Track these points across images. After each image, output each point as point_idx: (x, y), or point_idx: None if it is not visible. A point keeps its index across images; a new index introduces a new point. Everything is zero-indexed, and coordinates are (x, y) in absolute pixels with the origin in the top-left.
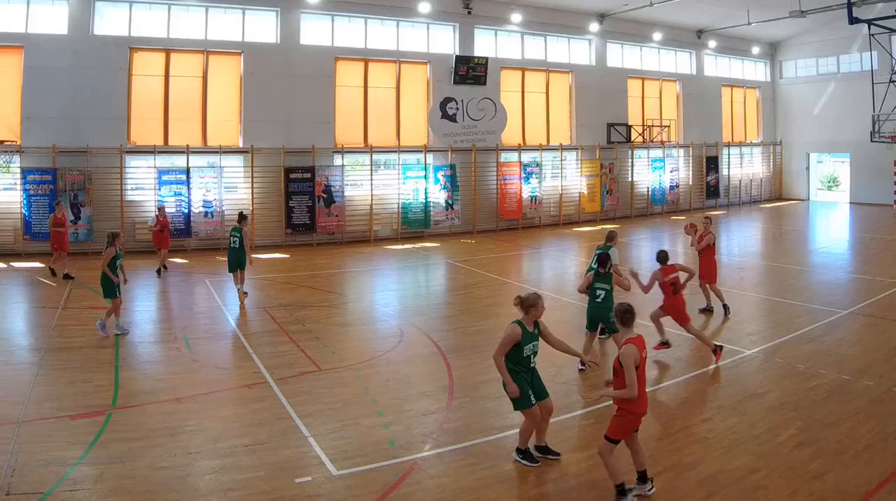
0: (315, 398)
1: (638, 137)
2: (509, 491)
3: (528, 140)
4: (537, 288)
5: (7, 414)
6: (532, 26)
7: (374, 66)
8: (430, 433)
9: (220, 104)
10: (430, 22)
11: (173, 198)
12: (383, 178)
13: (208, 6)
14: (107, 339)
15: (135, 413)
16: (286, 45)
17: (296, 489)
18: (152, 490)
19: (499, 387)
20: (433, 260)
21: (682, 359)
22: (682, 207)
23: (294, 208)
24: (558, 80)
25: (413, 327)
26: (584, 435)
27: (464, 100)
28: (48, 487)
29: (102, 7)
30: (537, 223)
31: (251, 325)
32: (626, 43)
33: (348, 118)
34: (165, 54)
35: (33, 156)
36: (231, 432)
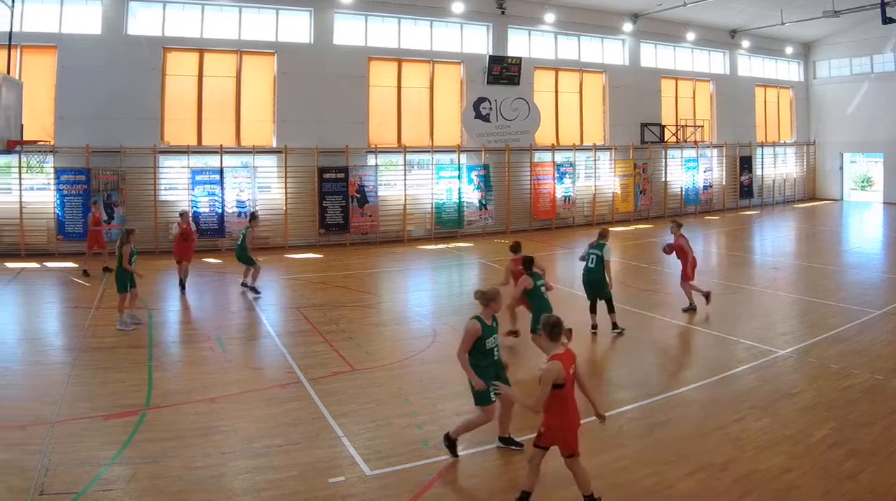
0: (349, 398)
1: (671, 137)
2: (542, 491)
3: (561, 140)
4: (570, 288)
5: (41, 413)
6: (566, 26)
7: (408, 65)
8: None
9: (254, 104)
10: (463, 22)
11: (206, 198)
12: (417, 178)
13: (242, 6)
14: (140, 339)
15: (168, 413)
16: (320, 45)
17: (329, 489)
18: (185, 490)
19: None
20: (466, 260)
21: (715, 359)
22: (715, 207)
23: (327, 208)
24: (592, 80)
25: (447, 327)
26: (617, 435)
27: (497, 101)
28: (81, 487)
29: (136, 7)
30: (570, 223)
31: (285, 325)
32: (660, 43)
33: (382, 118)
34: (199, 54)
35: (67, 157)
36: (264, 432)
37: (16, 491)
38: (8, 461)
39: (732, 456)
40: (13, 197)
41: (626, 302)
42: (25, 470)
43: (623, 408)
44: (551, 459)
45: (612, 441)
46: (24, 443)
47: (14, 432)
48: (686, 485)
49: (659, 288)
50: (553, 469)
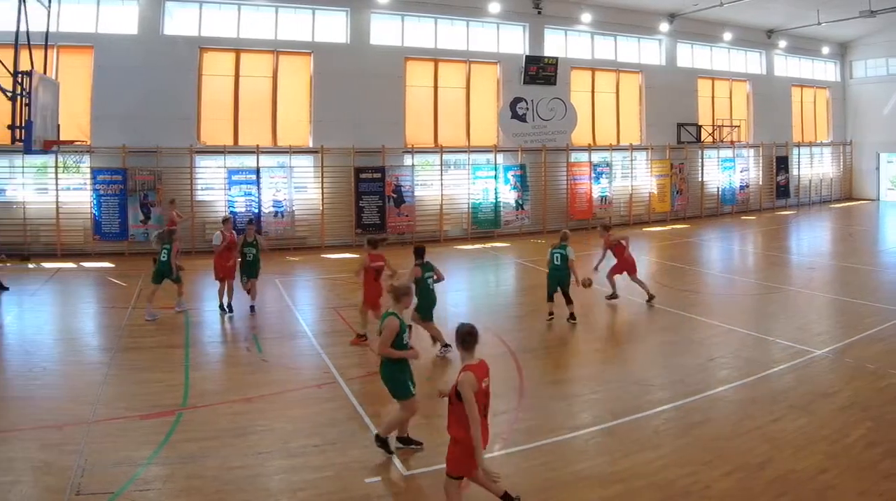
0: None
1: (708, 137)
2: (580, 491)
3: (597, 140)
4: (606, 288)
5: (78, 413)
6: (602, 26)
7: (444, 65)
8: (500, 433)
9: (290, 104)
10: (500, 22)
11: (243, 198)
12: (453, 178)
13: (278, 6)
14: (177, 339)
15: (205, 413)
16: (356, 45)
17: (365, 489)
18: (222, 490)
19: (569, 387)
20: (503, 260)
21: (752, 359)
22: (752, 207)
23: (364, 208)
24: (628, 80)
25: (483, 327)
26: (654, 435)
27: (534, 100)
28: (118, 487)
29: (172, 7)
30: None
31: (321, 325)
32: (696, 43)
33: (418, 118)
34: (235, 54)
35: (103, 156)
36: (301, 432)
37: (52, 491)
38: (45, 461)
39: (769, 456)
40: (50, 197)
41: (663, 303)
42: (62, 470)
43: (660, 408)
44: (579, 461)
45: (650, 441)
46: (62, 443)
47: (51, 432)
48: (723, 485)
49: (696, 289)
50: (582, 470)
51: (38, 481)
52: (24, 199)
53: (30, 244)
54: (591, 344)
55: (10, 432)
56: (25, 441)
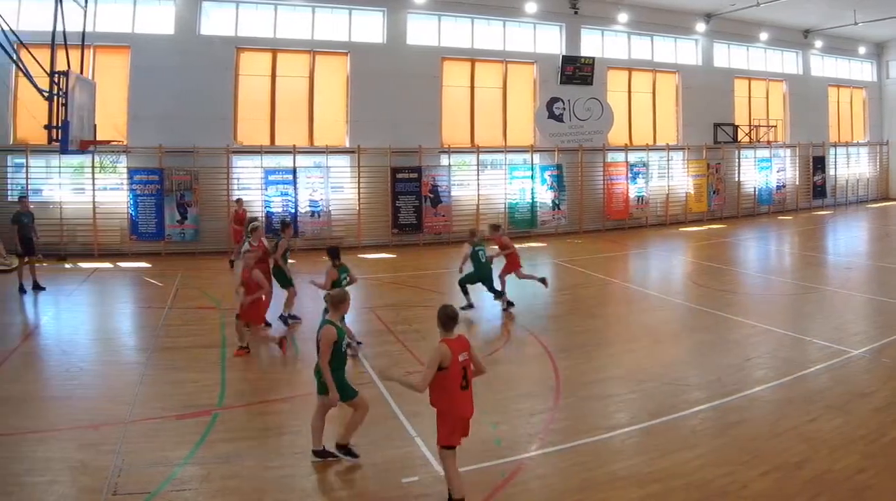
0: (422, 397)
1: (744, 137)
2: (616, 491)
3: (634, 140)
4: (643, 288)
5: (114, 413)
6: (639, 26)
7: (481, 65)
8: (536, 433)
9: (327, 104)
10: (536, 22)
11: (280, 198)
12: (490, 178)
13: (315, 6)
14: (213, 339)
15: (241, 412)
16: (393, 45)
17: (402, 489)
18: (259, 490)
19: (606, 387)
20: (540, 260)
21: (789, 359)
22: (788, 207)
23: (401, 208)
24: (665, 80)
25: (520, 327)
26: (691, 435)
27: (570, 100)
28: (154, 487)
29: (209, 7)
30: (644, 223)
31: (358, 325)
32: (733, 43)
33: (455, 118)
34: (272, 54)
35: (140, 157)
36: (336, 432)
37: (89, 491)
38: (82, 461)
39: (806, 456)
40: (86, 197)
41: (700, 303)
42: (99, 470)
43: (697, 408)
44: (616, 461)
45: (687, 441)
46: (98, 443)
47: (88, 432)
48: (760, 485)
49: (732, 289)
50: (619, 470)
51: (75, 481)
52: (61, 199)
53: (66, 244)
54: (628, 344)
55: (48, 432)
56: (63, 441)
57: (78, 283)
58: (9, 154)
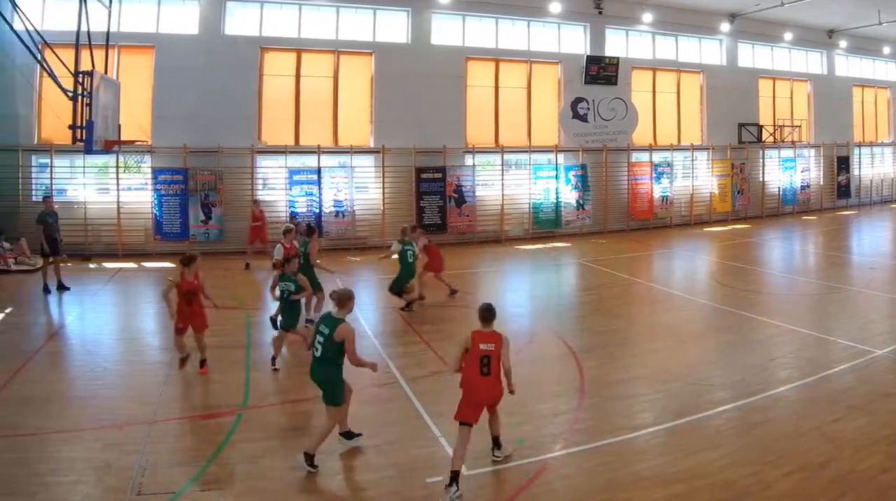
0: (446, 398)
1: (769, 137)
2: (640, 492)
3: (659, 140)
4: (667, 288)
5: (138, 414)
6: (663, 26)
7: (505, 65)
8: (560, 433)
9: (351, 104)
10: (561, 22)
11: (304, 198)
12: (514, 178)
13: (339, 6)
14: (238, 340)
15: (266, 413)
16: (417, 45)
17: (427, 489)
18: (283, 490)
19: (630, 387)
20: (564, 261)
21: (813, 359)
22: (812, 207)
23: (425, 208)
24: (689, 79)
25: (544, 327)
26: (716, 435)
27: (595, 100)
28: (178, 487)
29: (233, 7)
30: (668, 223)
31: (382, 325)
32: (757, 43)
33: (479, 118)
34: (296, 54)
35: (164, 156)
36: (362, 432)
37: (114, 491)
38: (106, 461)
39: (830, 456)
40: (111, 197)
41: (725, 303)
42: (123, 470)
43: (721, 408)
44: (640, 461)
45: (711, 441)
46: (122, 443)
47: (112, 432)
48: (784, 485)
49: (756, 289)
50: (643, 470)
51: (100, 481)
52: (86, 199)
53: (91, 244)
54: (652, 344)
55: (72, 432)
56: (87, 441)
57: (102, 283)
58: (33, 154)
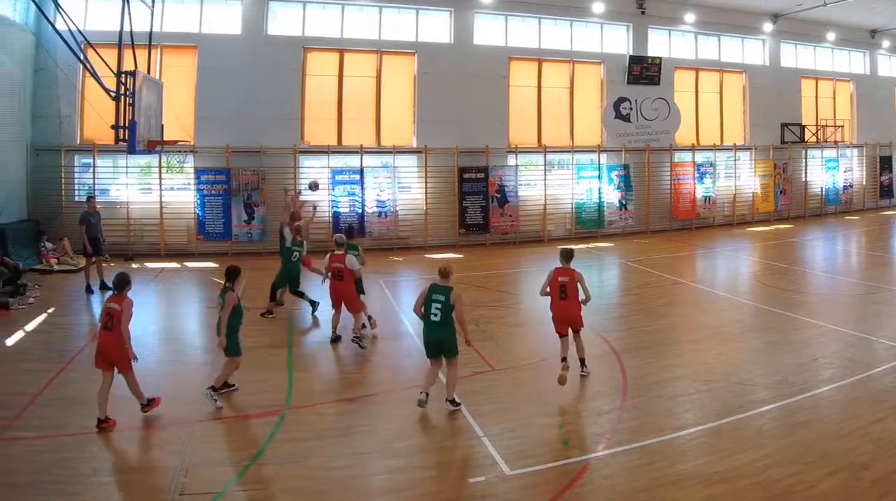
0: (488, 398)
1: (811, 137)
2: (683, 491)
3: (701, 140)
4: (710, 288)
5: (180, 414)
6: (706, 26)
7: (548, 65)
8: (603, 433)
9: (394, 104)
10: (603, 22)
11: (347, 198)
12: (557, 178)
13: (382, 6)
14: (280, 339)
15: (308, 413)
16: (460, 45)
17: (469, 489)
18: (325, 490)
19: (673, 387)
20: (607, 260)
21: (856, 359)
22: (855, 207)
23: (467, 208)
24: (732, 80)
25: (587, 327)
26: (758, 435)
27: (637, 100)
28: (221, 487)
29: (276, 7)
30: (711, 223)
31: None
32: (800, 43)
33: (522, 118)
34: (339, 54)
35: (207, 156)
36: (404, 432)
37: (156, 491)
38: (148, 461)
39: (873, 456)
40: (154, 197)
41: (767, 303)
42: (166, 470)
43: (763, 408)
44: (682, 461)
45: (753, 441)
46: (165, 443)
47: (154, 432)
48: (826, 485)
49: (799, 289)
50: (686, 469)
51: (142, 481)
52: (128, 199)
53: (133, 244)
54: (694, 344)
55: (116, 432)
56: (130, 441)
57: (144, 283)
58: (76, 154)
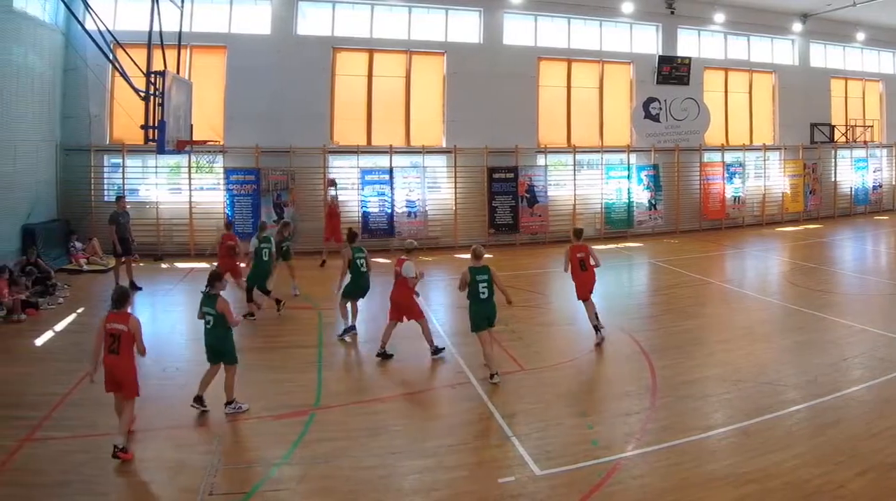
0: (518, 398)
1: (841, 137)
2: (712, 492)
3: (731, 140)
4: (740, 288)
5: (210, 414)
6: (735, 26)
7: (577, 65)
8: (633, 433)
9: (423, 104)
10: (633, 22)
11: (376, 198)
12: (586, 178)
13: (411, 6)
14: (310, 339)
15: (338, 412)
16: (489, 45)
17: (499, 489)
18: (355, 490)
19: (702, 387)
20: (636, 260)
21: (886, 359)
22: (885, 207)
23: (497, 208)
24: (761, 80)
25: (616, 327)
26: (787, 435)
27: (667, 100)
28: (251, 487)
29: (305, 7)
30: (740, 223)
31: (454, 325)
32: (829, 43)
33: (551, 118)
34: (368, 54)
35: (236, 156)
36: (434, 432)
37: (186, 491)
38: (179, 460)
39: None
40: (183, 197)
41: (797, 302)
42: (196, 470)
43: (793, 408)
44: (712, 461)
45: (783, 441)
46: (195, 443)
47: (184, 432)
48: (856, 485)
49: (828, 288)
50: (715, 470)
51: (172, 481)
52: (158, 199)
53: (163, 244)
54: (723, 344)
55: (145, 432)
56: (159, 441)
57: (174, 283)
58: (105, 154)
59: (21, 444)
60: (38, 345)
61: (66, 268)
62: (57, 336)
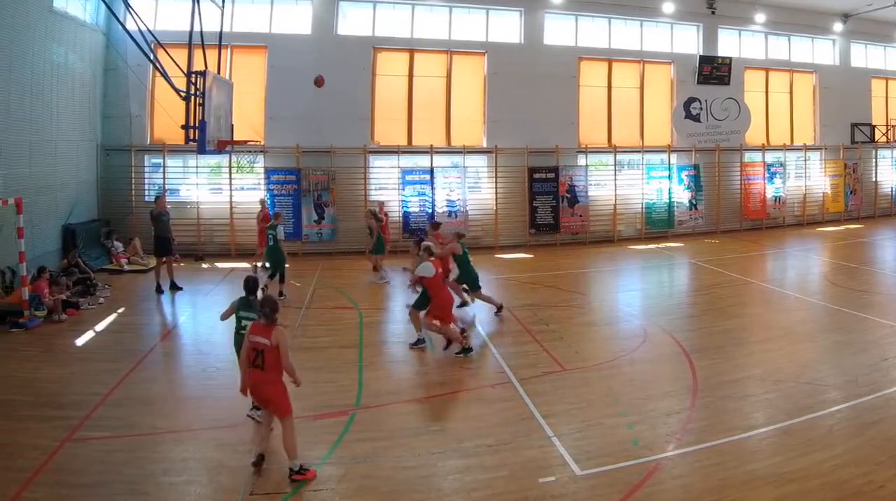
0: (558, 398)
1: (881, 137)
2: (753, 492)
3: (771, 140)
4: (780, 288)
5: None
6: (776, 26)
7: (618, 66)
8: (673, 433)
9: (464, 104)
10: (673, 22)
11: (417, 198)
12: (627, 178)
13: (452, 6)
14: (351, 339)
15: (378, 412)
16: (530, 45)
17: (540, 489)
18: (396, 490)
19: (743, 387)
20: (677, 260)
21: None
22: None
23: (538, 208)
24: (802, 80)
25: (657, 327)
26: (828, 435)
27: (707, 100)
28: (292, 487)
29: (346, 7)
30: (781, 223)
31: (495, 325)
32: (870, 43)
33: (592, 118)
34: (409, 54)
35: (277, 156)
36: (474, 432)
37: (226, 491)
38: (219, 460)
39: None
40: (224, 197)
41: (838, 302)
42: (236, 470)
43: (834, 408)
44: (753, 461)
45: (823, 441)
46: (235, 443)
47: (225, 432)
48: None
49: (869, 289)
50: (756, 469)
51: (213, 481)
52: (198, 199)
53: (204, 244)
54: (764, 344)
55: (186, 432)
56: (200, 441)
57: (215, 283)
58: (146, 154)
59: (62, 444)
60: (79, 345)
61: (106, 268)
62: (98, 336)
